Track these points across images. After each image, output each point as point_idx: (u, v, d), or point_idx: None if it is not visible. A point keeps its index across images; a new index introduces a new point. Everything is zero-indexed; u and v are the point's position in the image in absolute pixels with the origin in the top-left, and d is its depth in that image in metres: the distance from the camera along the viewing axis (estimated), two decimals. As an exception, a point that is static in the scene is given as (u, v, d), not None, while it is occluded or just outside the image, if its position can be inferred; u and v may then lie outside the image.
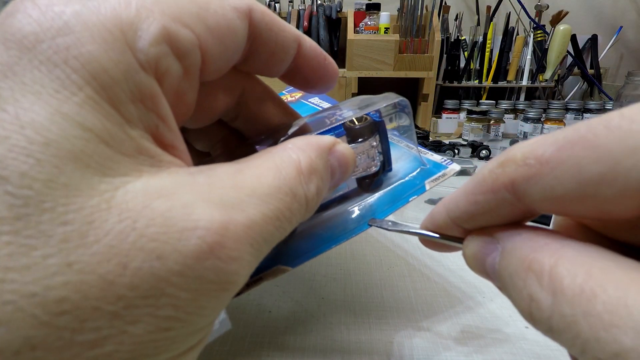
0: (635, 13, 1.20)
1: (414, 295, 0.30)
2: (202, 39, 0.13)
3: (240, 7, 0.14)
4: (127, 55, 0.11)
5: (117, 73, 0.11)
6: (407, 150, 0.26)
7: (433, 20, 0.96)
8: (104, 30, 0.11)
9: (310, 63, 0.18)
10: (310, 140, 0.16)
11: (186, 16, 0.13)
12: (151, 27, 0.12)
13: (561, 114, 0.89)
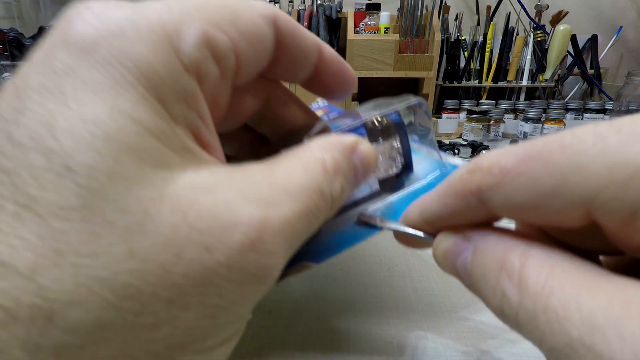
0: (635, 13, 1.20)
1: (414, 296, 0.30)
2: (236, 44, 0.14)
3: (267, 14, 0.15)
4: (173, 58, 0.12)
5: (164, 74, 0.12)
6: (427, 154, 0.26)
7: (433, 20, 0.96)
8: (152, 34, 0.12)
9: (330, 69, 0.19)
10: (333, 140, 0.16)
11: (222, 22, 0.14)
12: (193, 31, 0.13)
13: (561, 114, 0.89)
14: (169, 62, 0.12)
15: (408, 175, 0.24)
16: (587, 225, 0.12)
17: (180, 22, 0.13)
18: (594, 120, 0.99)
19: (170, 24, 0.12)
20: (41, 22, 1.19)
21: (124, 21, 0.12)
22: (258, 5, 0.15)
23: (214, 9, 0.14)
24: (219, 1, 0.14)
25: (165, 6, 0.13)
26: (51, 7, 1.19)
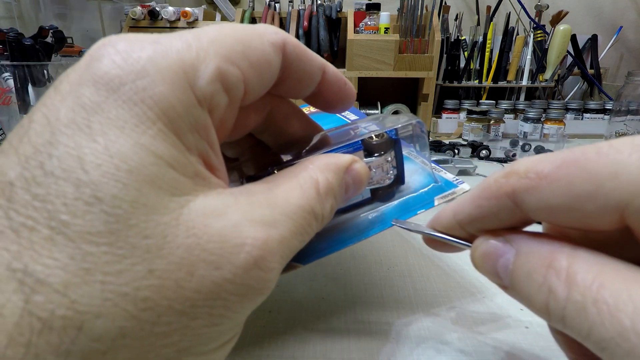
0: (635, 13, 1.20)
1: (414, 295, 0.30)
2: (245, 74, 0.16)
3: (276, 42, 0.17)
4: (189, 93, 0.14)
5: (180, 109, 0.13)
6: (422, 166, 0.27)
7: (433, 20, 0.96)
8: (172, 72, 0.14)
9: (332, 88, 0.21)
10: (329, 161, 0.18)
11: (234, 55, 0.15)
12: (208, 68, 0.14)
13: (561, 114, 0.89)
14: (185, 98, 0.14)
15: (399, 187, 0.25)
16: (619, 230, 0.12)
17: (197, 59, 0.14)
18: (594, 120, 1.00)
19: (189, 62, 0.14)
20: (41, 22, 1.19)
21: (147, 62, 0.13)
22: (268, 33, 0.17)
23: (227, 43, 0.15)
24: (232, 33, 0.16)
25: (185, 43, 0.14)
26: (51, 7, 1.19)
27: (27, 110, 0.76)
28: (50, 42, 0.79)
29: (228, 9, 1.09)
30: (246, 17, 1.00)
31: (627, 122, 0.75)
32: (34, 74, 0.77)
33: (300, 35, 0.98)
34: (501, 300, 0.31)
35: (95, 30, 1.22)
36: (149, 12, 0.95)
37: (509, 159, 0.77)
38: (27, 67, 0.75)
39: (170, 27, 0.97)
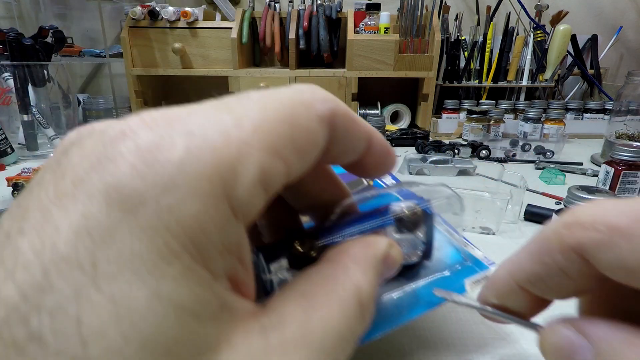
0: (635, 13, 1.20)
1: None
2: (290, 165, 0.13)
3: (325, 115, 0.14)
4: (224, 208, 0.11)
5: (212, 229, 0.11)
6: (448, 237, 0.25)
7: (433, 20, 0.96)
8: (206, 182, 0.11)
9: (375, 159, 0.18)
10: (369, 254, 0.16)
11: (281, 143, 0.12)
12: (250, 170, 0.11)
13: (561, 114, 0.89)
14: (219, 214, 0.11)
15: (425, 264, 0.23)
16: None
17: (237, 158, 0.11)
18: (594, 120, 1.00)
19: (227, 164, 0.11)
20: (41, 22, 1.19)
21: (176, 169, 0.10)
22: (317, 103, 0.14)
23: (274, 127, 0.12)
24: (278, 110, 0.13)
25: (223, 136, 0.11)
26: (51, 7, 1.19)
27: (27, 110, 0.76)
28: (50, 42, 0.79)
29: (228, 9, 1.09)
30: (246, 17, 1.00)
31: (627, 122, 0.75)
32: (34, 74, 0.77)
33: (300, 35, 0.98)
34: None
35: (95, 30, 1.22)
36: (149, 12, 0.95)
37: (509, 159, 0.77)
38: (27, 67, 0.75)
39: (170, 27, 0.97)
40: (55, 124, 0.83)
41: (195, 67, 1.00)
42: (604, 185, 0.55)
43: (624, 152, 0.52)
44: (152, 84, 1.09)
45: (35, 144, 0.79)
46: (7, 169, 0.70)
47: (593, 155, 0.79)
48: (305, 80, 0.98)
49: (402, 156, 0.79)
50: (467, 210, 0.46)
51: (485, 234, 0.44)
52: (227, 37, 0.97)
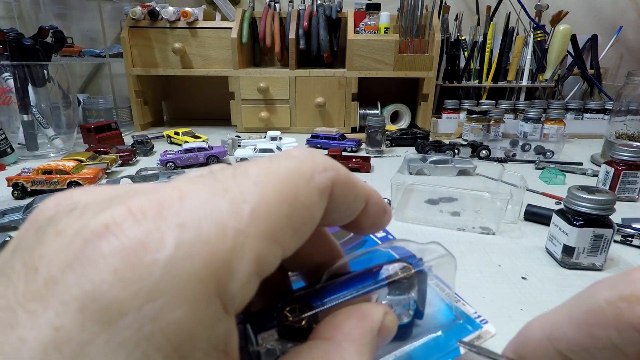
0: (635, 13, 1.20)
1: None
2: (286, 246, 0.12)
3: (324, 187, 0.14)
4: (215, 306, 0.10)
5: (200, 332, 0.10)
6: (440, 293, 0.25)
7: (433, 20, 0.96)
8: (196, 283, 0.10)
9: (370, 219, 0.18)
10: (364, 329, 0.15)
11: (279, 227, 0.12)
12: (245, 264, 0.11)
13: (561, 114, 0.89)
14: (210, 314, 0.10)
15: (416, 322, 0.22)
16: None
17: (232, 252, 0.10)
18: (594, 120, 1.00)
19: (221, 259, 0.10)
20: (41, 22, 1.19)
21: (163, 271, 0.09)
22: (317, 174, 0.14)
23: (273, 211, 0.12)
24: (276, 192, 0.12)
25: (219, 227, 0.10)
26: (51, 7, 1.19)
27: (27, 110, 0.76)
28: (50, 42, 0.79)
29: (228, 9, 1.09)
30: (246, 17, 1.00)
31: (627, 122, 0.75)
32: (34, 74, 0.77)
33: (300, 35, 0.98)
34: (501, 301, 0.31)
35: (95, 30, 1.22)
36: (149, 12, 0.96)
37: (509, 159, 0.77)
38: (27, 67, 0.75)
39: (170, 27, 0.97)
40: (55, 124, 0.83)
41: (195, 67, 1.00)
42: (604, 185, 0.55)
43: (624, 152, 0.52)
44: (152, 84, 1.10)
45: (35, 144, 0.79)
46: (7, 169, 0.70)
47: (593, 155, 0.79)
48: (306, 79, 0.98)
49: (402, 156, 0.79)
50: (467, 210, 0.46)
51: (485, 234, 0.44)
52: (227, 37, 0.97)
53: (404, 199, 0.49)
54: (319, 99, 0.98)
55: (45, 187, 0.56)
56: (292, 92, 0.99)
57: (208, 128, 1.07)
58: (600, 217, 0.35)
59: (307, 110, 1.01)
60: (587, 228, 0.35)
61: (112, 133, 0.86)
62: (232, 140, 0.80)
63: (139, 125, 1.05)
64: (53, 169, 0.57)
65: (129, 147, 0.78)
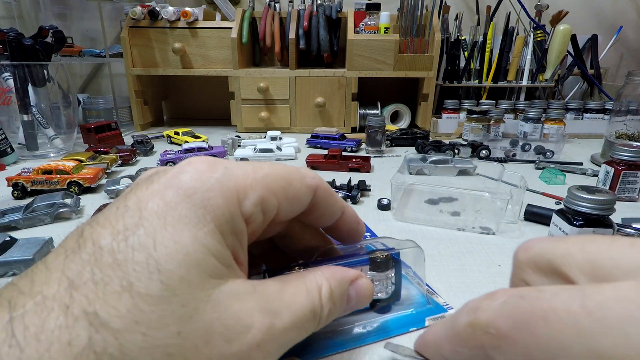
0: (635, 13, 1.20)
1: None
2: (281, 204, 0.21)
3: (311, 185, 0.22)
4: (236, 209, 0.18)
5: (228, 217, 0.18)
6: (417, 287, 0.32)
7: (433, 20, 0.96)
8: (229, 192, 0.18)
9: (346, 226, 0.26)
10: (336, 272, 0.22)
11: (277, 189, 0.20)
12: (254, 195, 0.19)
13: (561, 114, 0.89)
14: (233, 211, 0.18)
15: (395, 302, 0.29)
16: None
17: (249, 186, 0.19)
18: (594, 120, 1.00)
19: (242, 188, 0.19)
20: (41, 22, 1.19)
21: (214, 181, 0.18)
22: (307, 178, 0.22)
23: (274, 178, 0.20)
24: (280, 172, 0.21)
25: (244, 174, 0.19)
26: (51, 7, 1.19)
27: (27, 110, 0.76)
28: (50, 42, 0.79)
29: (228, 9, 1.09)
30: (246, 17, 1.00)
31: (627, 122, 0.75)
32: (34, 74, 0.77)
33: (300, 35, 0.98)
34: None
35: (95, 30, 1.22)
36: (149, 12, 0.95)
37: (509, 159, 0.77)
38: (27, 67, 0.75)
39: (170, 27, 0.97)
40: (55, 124, 0.83)
41: (195, 67, 1.00)
42: (604, 185, 0.55)
43: (624, 152, 0.52)
44: (152, 83, 1.09)
45: (35, 144, 0.79)
46: (7, 168, 0.70)
47: (593, 155, 0.79)
48: (306, 79, 0.98)
49: (402, 156, 0.79)
50: (467, 210, 0.46)
51: (485, 233, 0.44)
52: (227, 37, 0.97)
53: (404, 199, 0.49)
54: (319, 99, 0.98)
55: (45, 187, 0.56)
56: (292, 92, 0.99)
57: (208, 128, 1.07)
58: (600, 217, 0.35)
59: (307, 110, 1.01)
60: (587, 228, 0.35)
61: (112, 133, 0.86)
62: (232, 140, 0.80)
63: (139, 125, 1.05)
64: (53, 169, 0.57)
65: (129, 147, 0.77)
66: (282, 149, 0.78)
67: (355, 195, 0.54)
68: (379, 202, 0.52)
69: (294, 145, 0.82)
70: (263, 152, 0.76)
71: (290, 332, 0.18)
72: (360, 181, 0.59)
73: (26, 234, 0.45)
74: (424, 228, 0.46)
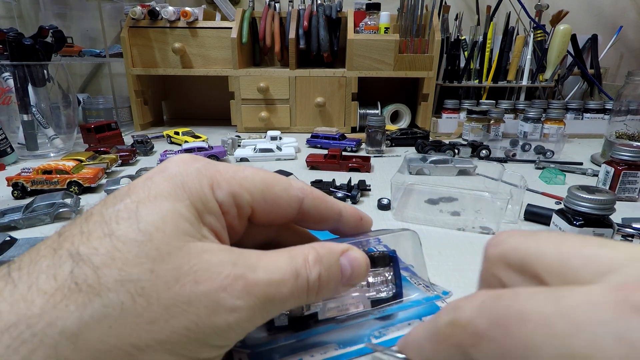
0: (635, 13, 1.20)
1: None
2: (256, 203, 0.22)
3: (296, 195, 0.23)
4: (210, 192, 0.21)
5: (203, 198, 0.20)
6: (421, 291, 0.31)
7: (433, 20, 0.96)
8: (204, 179, 0.21)
9: (349, 225, 0.26)
10: (325, 243, 0.22)
11: (252, 188, 0.22)
12: (227, 186, 0.21)
13: (561, 113, 0.89)
14: (207, 194, 0.20)
15: (398, 303, 0.28)
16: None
17: (223, 180, 0.21)
18: (594, 120, 1.00)
19: (217, 180, 0.21)
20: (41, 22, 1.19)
21: (193, 170, 0.21)
22: (293, 188, 0.23)
23: (252, 180, 0.22)
24: (261, 176, 0.22)
25: (224, 170, 0.21)
26: (51, 7, 1.19)
27: (27, 110, 0.76)
28: (50, 42, 0.79)
29: (228, 9, 1.09)
30: (246, 17, 1.00)
31: (627, 122, 0.75)
32: (34, 74, 0.77)
33: (300, 35, 0.98)
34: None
35: (95, 30, 1.22)
36: (149, 12, 0.95)
37: (509, 158, 0.77)
38: (27, 67, 0.75)
39: (170, 27, 0.97)
40: (55, 123, 0.83)
41: (195, 67, 1.00)
42: (604, 185, 0.55)
43: (624, 152, 0.52)
44: (152, 83, 1.09)
45: (35, 144, 0.79)
46: (7, 168, 0.70)
47: (593, 155, 0.79)
48: (306, 79, 0.98)
49: (402, 156, 0.79)
50: (467, 210, 0.46)
51: (485, 233, 0.44)
52: (227, 37, 0.97)
53: (404, 199, 0.49)
54: (319, 99, 0.98)
55: (45, 187, 0.56)
56: (292, 92, 0.99)
57: (208, 128, 1.07)
58: (600, 217, 0.35)
59: (307, 110, 1.01)
60: (587, 228, 0.35)
61: (112, 133, 0.86)
62: (232, 140, 0.80)
63: (139, 125, 1.05)
64: (53, 168, 0.57)
65: (129, 147, 0.77)
66: (282, 148, 0.78)
67: (355, 195, 0.54)
68: (379, 202, 0.52)
69: (294, 145, 0.82)
70: (263, 152, 0.76)
71: (267, 288, 0.19)
72: (360, 181, 0.59)
73: (26, 234, 0.45)
74: (424, 228, 0.46)
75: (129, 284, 0.16)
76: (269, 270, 0.19)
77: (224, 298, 0.18)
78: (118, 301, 0.16)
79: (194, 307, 0.17)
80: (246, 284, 0.18)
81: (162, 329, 0.17)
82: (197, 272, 0.18)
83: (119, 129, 0.88)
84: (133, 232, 0.17)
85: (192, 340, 0.17)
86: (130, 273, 0.17)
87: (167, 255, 0.18)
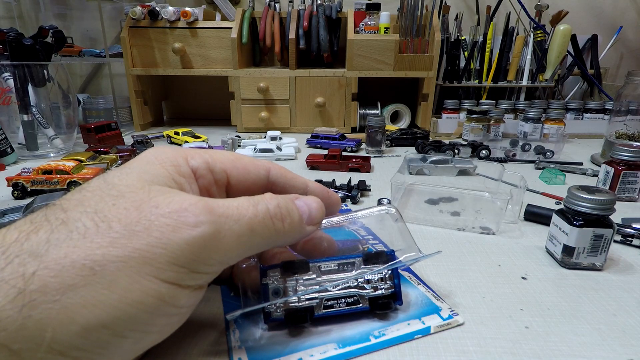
0: (635, 13, 1.20)
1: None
2: (228, 169, 0.27)
3: (263, 165, 0.28)
4: (183, 160, 0.25)
5: (175, 162, 0.24)
6: (423, 293, 0.32)
7: (433, 20, 0.96)
8: (177, 152, 0.25)
9: (317, 196, 0.28)
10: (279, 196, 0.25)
11: (223, 159, 0.27)
12: (199, 157, 0.26)
13: (561, 113, 0.89)
14: (180, 160, 0.25)
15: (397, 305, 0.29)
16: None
17: (196, 153, 0.26)
18: (594, 120, 1.00)
19: (190, 153, 0.26)
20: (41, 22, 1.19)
21: (169, 149, 0.25)
22: (259, 160, 0.28)
23: (222, 154, 0.27)
24: (230, 153, 0.28)
25: (197, 150, 0.26)
26: (51, 7, 1.19)
27: (27, 110, 0.76)
28: (50, 42, 0.79)
29: (228, 9, 1.09)
30: (246, 17, 1.00)
31: (627, 122, 0.75)
32: (34, 74, 0.77)
33: (300, 35, 0.98)
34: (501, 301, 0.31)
35: (95, 30, 1.22)
36: (149, 12, 0.95)
37: (509, 159, 0.77)
38: (27, 67, 0.75)
39: (170, 27, 0.97)
40: (55, 124, 0.83)
41: (195, 67, 1.00)
42: (604, 185, 0.55)
43: (624, 152, 0.52)
44: (152, 83, 1.09)
45: (35, 144, 0.79)
46: (7, 168, 0.70)
47: (593, 155, 0.79)
48: (306, 79, 0.98)
49: (402, 156, 0.79)
50: (467, 210, 0.46)
51: (485, 233, 0.44)
52: (227, 37, 0.97)
53: (404, 199, 0.49)
54: (319, 99, 0.98)
55: (45, 187, 0.56)
56: (292, 92, 0.99)
57: (208, 128, 1.07)
58: (600, 217, 0.35)
59: (307, 110, 1.01)
60: (587, 228, 0.35)
61: (112, 133, 0.86)
62: (232, 140, 0.80)
63: (139, 125, 1.05)
64: (53, 168, 0.57)
65: (129, 147, 0.77)
66: (282, 148, 0.78)
67: (355, 195, 0.54)
68: (379, 202, 0.52)
69: (294, 145, 0.82)
70: (263, 152, 0.76)
71: (227, 209, 0.22)
72: (360, 181, 0.59)
73: (26, 234, 0.44)
74: (424, 228, 0.46)
75: (92, 214, 0.19)
76: (229, 201, 0.22)
77: (186, 216, 0.20)
78: (82, 227, 0.19)
79: (155, 225, 0.19)
80: (207, 204, 0.21)
81: (124, 246, 0.19)
82: (157, 201, 0.20)
83: (119, 129, 0.88)
84: (99, 184, 0.21)
85: (159, 258, 0.19)
86: (95, 208, 0.20)
87: (128, 192, 0.21)
